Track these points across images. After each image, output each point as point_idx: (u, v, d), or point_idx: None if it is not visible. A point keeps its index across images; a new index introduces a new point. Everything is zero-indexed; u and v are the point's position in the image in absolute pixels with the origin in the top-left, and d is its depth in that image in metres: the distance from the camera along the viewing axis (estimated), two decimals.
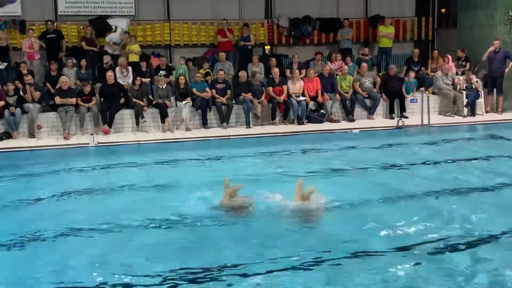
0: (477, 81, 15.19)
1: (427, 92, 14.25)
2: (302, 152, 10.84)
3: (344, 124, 14.00)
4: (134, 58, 14.77)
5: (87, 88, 13.11)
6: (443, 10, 19.07)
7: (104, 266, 5.30)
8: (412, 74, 15.16)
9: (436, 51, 16.55)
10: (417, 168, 9.20)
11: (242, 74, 14.15)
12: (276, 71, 14.17)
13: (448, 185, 7.90)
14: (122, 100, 13.32)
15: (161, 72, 14.41)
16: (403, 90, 14.86)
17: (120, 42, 15.09)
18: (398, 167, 9.28)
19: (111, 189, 8.18)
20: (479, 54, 15.44)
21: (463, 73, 15.55)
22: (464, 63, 16.01)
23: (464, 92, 14.97)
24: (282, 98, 13.89)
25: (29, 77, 12.90)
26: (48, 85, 13.53)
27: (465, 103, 14.87)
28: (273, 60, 15.05)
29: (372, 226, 6.22)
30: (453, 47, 17.01)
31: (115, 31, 15.27)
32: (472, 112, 14.87)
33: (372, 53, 17.22)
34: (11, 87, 12.68)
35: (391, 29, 16.74)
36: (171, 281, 4.92)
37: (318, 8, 17.89)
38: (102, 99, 13.28)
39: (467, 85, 15.07)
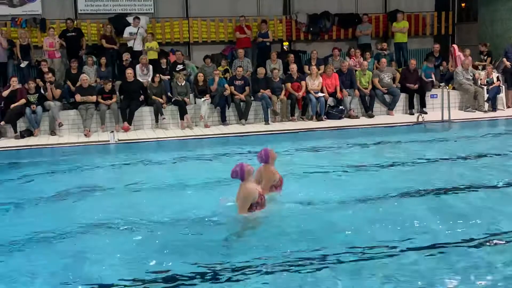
0: (498, 76, 15.03)
1: (447, 87, 14.13)
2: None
3: (363, 120, 13.94)
4: (152, 55, 14.84)
5: (108, 86, 13.21)
6: (463, 5, 18.88)
7: (129, 262, 5.39)
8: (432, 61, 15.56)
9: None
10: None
11: (261, 70, 14.14)
12: (292, 67, 14.14)
13: None
14: (142, 98, 13.40)
15: (179, 66, 14.46)
16: (423, 75, 15.00)
17: (137, 30, 15.07)
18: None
19: (131, 186, 8.25)
20: (500, 49, 15.26)
21: (483, 68, 15.39)
22: (486, 57, 15.84)
23: (485, 87, 14.81)
24: (300, 94, 13.87)
25: (50, 75, 13.03)
26: (69, 83, 13.66)
27: (486, 98, 14.71)
28: (291, 57, 15.02)
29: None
30: (474, 42, 16.85)
31: (128, 24, 15.27)
32: (493, 107, 14.72)
33: (390, 49, 17.11)
34: (32, 85, 12.81)
35: (404, 23, 16.57)
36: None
37: (337, 3, 17.83)
38: (122, 96, 13.38)
39: (488, 80, 14.91)
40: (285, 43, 17.07)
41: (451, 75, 15.38)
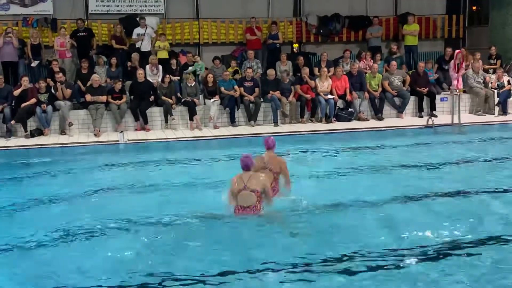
0: (509, 80, 14.95)
1: (457, 90, 14.07)
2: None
3: (373, 123, 13.91)
4: (163, 54, 14.87)
5: (118, 86, 13.25)
6: (474, 8, 18.81)
7: (130, 264, 5.38)
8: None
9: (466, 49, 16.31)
10: None
11: (270, 72, 14.14)
12: (306, 71, 14.14)
13: None
14: (152, 98, 13.43)
15: (189, 68, 14.49)
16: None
17: (144, 31, 15.08)
18: None
19: (139, 186, 8.27)
20: (510, 52, 15.17)
21: (494, 72, 15.31)
22: (495, 61, 15.77)
23: (496, 91, 14.74)
24: (309, 96, 13.85)
25: (61, 75, 13.09)
26: (79, 82, 13.72)
27: (496, 102, 14.64)
28: (301, 60, 15.02)
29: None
30: (484, 45, 16.77)
31: (138, 25, 15.30)
32: (504, 111, 14.63)
33: (401, 51, 17.04)
34: (43, 84, 12.88)
35: (414, 26, 16.52)
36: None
37: (347, 5, 17.81)
38: (132, 96, 13.42)
39: (498, 83, 14.85)
40: (295, 45, 17.09)
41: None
